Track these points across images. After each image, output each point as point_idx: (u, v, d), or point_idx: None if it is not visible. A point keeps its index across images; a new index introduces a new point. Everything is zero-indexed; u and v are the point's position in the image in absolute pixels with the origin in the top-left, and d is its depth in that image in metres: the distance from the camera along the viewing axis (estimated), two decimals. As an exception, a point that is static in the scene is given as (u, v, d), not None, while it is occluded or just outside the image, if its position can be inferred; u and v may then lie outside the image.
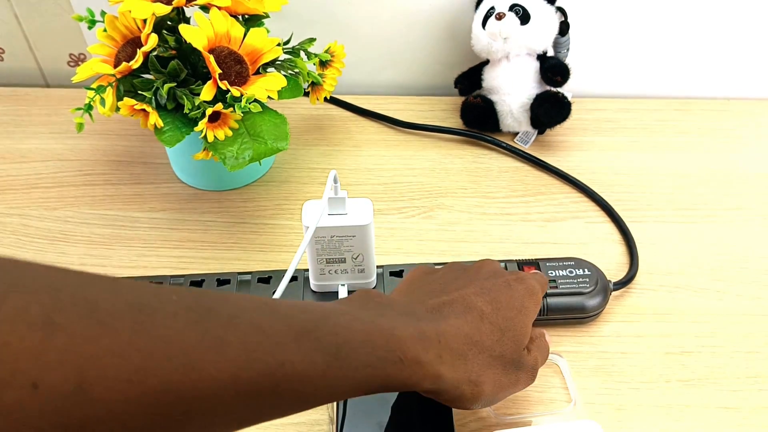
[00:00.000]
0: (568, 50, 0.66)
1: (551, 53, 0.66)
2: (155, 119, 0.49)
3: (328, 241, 0.47)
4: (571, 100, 0.63)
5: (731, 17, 0.69)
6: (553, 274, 0.51)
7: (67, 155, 0.66)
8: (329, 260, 0.48)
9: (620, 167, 0.65)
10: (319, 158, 0.66)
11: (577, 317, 0.50)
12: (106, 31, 0.52)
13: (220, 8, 0.50)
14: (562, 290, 0.49)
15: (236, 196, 0.62)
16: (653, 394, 0.46)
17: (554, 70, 0.63)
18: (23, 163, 0.65)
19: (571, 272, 0.51)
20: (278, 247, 0.57)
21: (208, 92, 0.48)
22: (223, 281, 0.51)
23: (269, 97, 0.50)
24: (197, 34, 0.48)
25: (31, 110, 0.72)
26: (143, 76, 0.52)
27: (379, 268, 0.52)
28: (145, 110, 0.50)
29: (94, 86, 0.51)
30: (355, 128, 0.70)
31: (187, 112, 0.50)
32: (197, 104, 0.49)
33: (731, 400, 0.46)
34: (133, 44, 0.52)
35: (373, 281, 0.51)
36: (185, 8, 0.51)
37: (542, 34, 0.63)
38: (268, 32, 0.52)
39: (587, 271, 0.51)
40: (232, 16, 0.51)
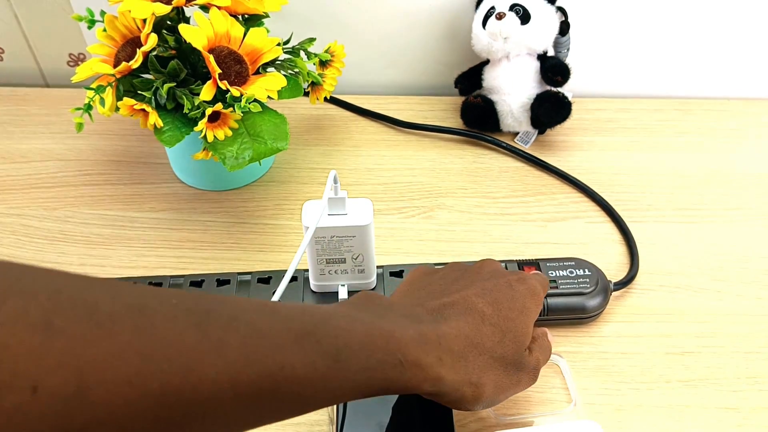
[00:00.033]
0: (568, 50, 0.66)
1: (551, 53, 0.66)
2: (155, 119, 0.49)
3: (328, 241, 0.47)
4: (571, 100, 0.63)
5: (731, 17, 0.69)
6: (553, 274, 0.50)
7: (66, 155, 0.66)
8: (329, 260, 0.48)
9: (620, 167, 0.65)
10: (319, 158, 0.66)
11: (577, 317, 0.50)
12: (105, 30, 0.52)
13: (219, 8, 0.50)
14: (562, 290, 0.49)
15: (236, 196, 0.62)
16: (653, 394, 0.46)
17: (554, 69, 0.63)
18: (23, 163, 0.65)
19: (571, 272, 0.51)
20: (278, 247, 0.57)
21: (207, 92, 0.48)
22: (223, 281, 0.51)
23: (269, 97, 0.50)
24: (197, 33, 0.48)
25: (30, 110, 0.72)
26: (143, 76, 0.52)
27: (379, 268, 0.52)
28: (144, 110, 0.50)
29: (93, 86, 0.51)
30: (355, 128, 0.70)
31: (186, 112, 0.50)
32: (197, 104, 0.49)
33: (731, 400, 0.46)
34: (132, 44, 0.52)
35: (373, 281, 0.51)
36: (185, 8, 0.51)
37: (542, 33, 0.63)
38: (268, 32, 0.52)
39: (587, 271, 0.51)
40: (232, 15, 0.51)
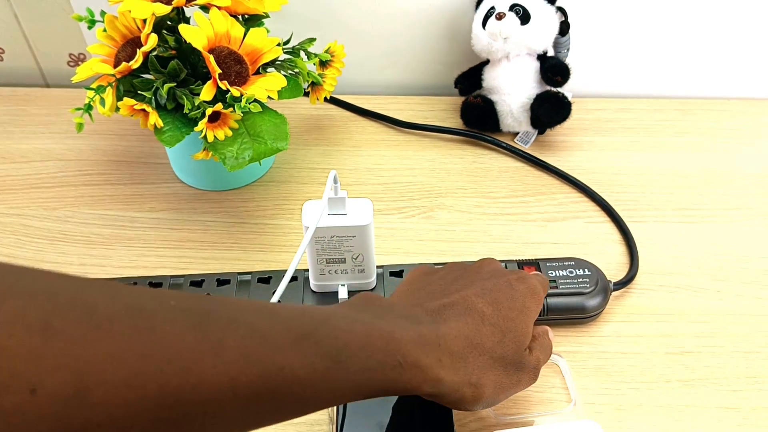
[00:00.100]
0: (568, 50, 0.66)
1: (551, 53, 0.66)
2: (155, 119, 0.49)
3: (328, 241, 0.47)
4: (571, 100, 0.63)
5: (731, 17, 0.69)
6: (553, 274, 0.51)
7: (66, 155, 0.66)
8: (329, 260, 0.48)
9: (620, 167, 0.65)
10: (318, 158, 0.66)
11: (577, 317, 0.50)
12: (105, 31, 0.52)
13: (219, 8, 0.50)
14: (562, 290, 0.49)
15: (236, 196, 0.62)
16: (653, 394, 0.46)
17: (554, 70, 0.63)
18: (23, 163, 0.65)
19: (571, 272, 0.51)
20: (278, 247, 0.57)
21: (207, 92, 0.48)
22: (223, 281, 0.51)
23: (269, 97, 0.50)
24: (197, 34, 0.48)
25: (30, 110, 0.72)
26: (143, 76, 0.52)
27: (379, 268, 0.52)
28: (144, 110, 0.50)
29: (93, 86, 0.51)
30: (354, 128, 0.70)
31: (186, 112, 0.50)
32: (197, 104, 0.49)
33: (731, 400, 0.46)
34: (132, 44, 0.52)
35: (373, 281, 0.51)
36: (185, 8, 0.51)
37: (542, 34, 0.63)
38: (268, 32, 0.52)
39: (587, 271, 0.51)
40: (232, 15, 0.51)
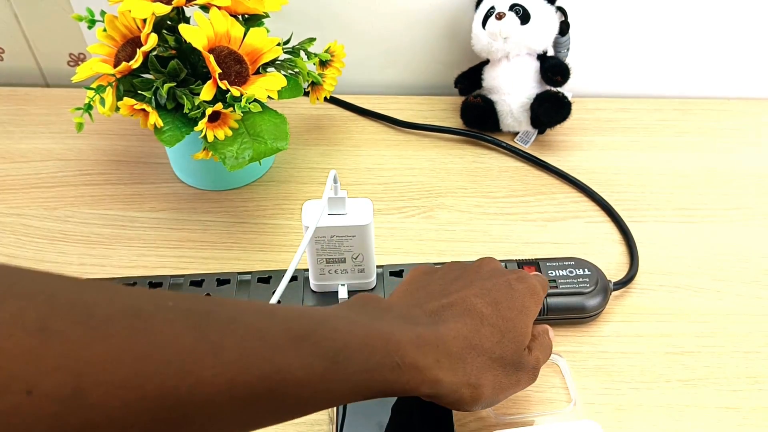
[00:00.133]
0: (568, 50, 0.66)
1: (551, 53, 0.66)
2: (155, 119, 0.49)
3: (328, 241, 0.47)
4: (571, 99, 0.63)
5: (731, 17, 0.69)
6: (553, 274, 0.51)
7: (66, 155, 0.66)
8: (329, 260, 0.48)
9: (620, 167, 0.65)
10: (318, 158, 0.66)
11: (577, 317, 0.50)
12: (105, 30, 0.52)
13: (219, 8, 0.50)
14: (562, 290, 0.49)
15: (236, 195, 0.62)
16: (653, 394, 0.46)
17: (554, 69, 0.63)
18: (23, 162, 0.65)
19: (571, 272, 0.51)
20: (278, 247, 0.57)
21: (207, 92, 0.48)
22: (222, 281, 0.51)
23: (269, 96, 0.50)
24: (197, 33, 0.48)
25: (30, 110, 0.72)
26: (143, 75, 0.52)
27: (379, 268, 0.52)
28: (144, 110, 0.50)
29: (93, 86, 0.51)
30: (354, 128, 0.70)
31: (186, 111, 0.50)
32: (197, 104, 0.49)
33: (731, 399, 0.46)
34: (132, 44, 0.52)
35: (373, 281, 0.51)
36: (185, 8, 0.51)
37: (542, 33, 0.63)
38: (268, 32, 0.52)
39: (587, 271, 0.51)
40: (232, 15, 0.51)
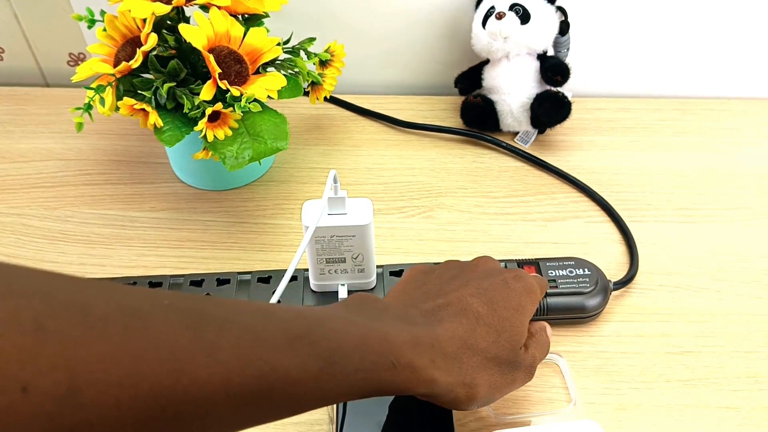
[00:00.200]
0: (568, 50, 0.66)
1: (551, 53, 0.66)
2: (155, 119, 0.49)
3: (327, 240, 0.47)
4: (571, 99, 0.63)
5: (731, 17, 0.69)
6: (553, 273, 0.51)
7: (66, 155, 0.66)
8: (329, 260, 0.48)
9: (620, 167, 0.65)
10: (318, 158, 0.66)
11: (577, 317, 0.50)
12: (105, 30, 0.52)
13: (219, 8, 0.50)
14: (562, 290, 0.49)
15: (236, 195, 0.62)
16: (653, 393, 0.46)
17: (554, 69, 0.63)
18: (23, 162, 0.65)
19: (571, 272, 0.51)
20: (278, 246, 0.57)
21: (207, 92, 0.48)
22: (222, 281, 0.51)
23: (269, 96, 0.50)
24: (197, 33, 0.48)
25: (30, 110, 0.72)
26: (143, 75, 0.52)
27: (379, 267, 0.52)
28: (144, 110, 0.50)
29: (93, 86, 0.51)
30: (354, 128, 0.70)
31: (186, 111, 0.50)
32: (197, 104, 0.49)
33: (731, 399, 0.46)
34: (132, 44, 0.52)
35: (373, 281, 0.51)
36: (185, 8, 0.51)
37: (542, 33, 0.63)
38: (267, 32, 0.52)
39: (587, 270, 0.51)
40: (231, 15, 0.51)
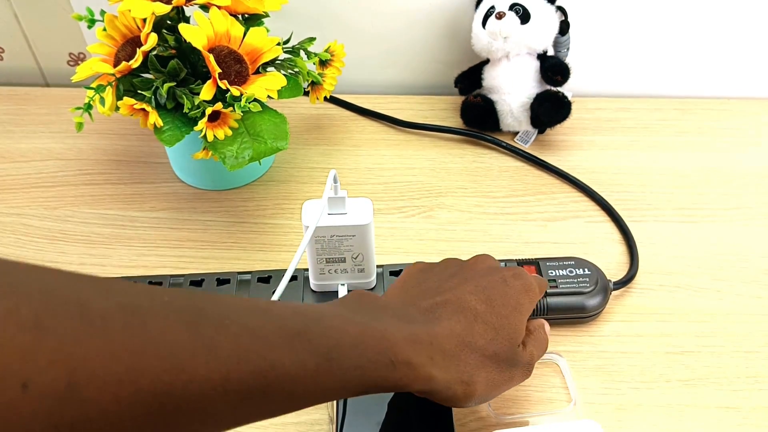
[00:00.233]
0: (568, 50, 0.66)
1: (551, 52, 0.66)
2: (155, 119, 0.49)
3: (327, 240, 0.47)
4: (571, 99, 0.63)
5: (731, 17, 0.69)
6: (553, 273, 0.50)
7: (66, 155, 0.66)
8: (329, 260, 0.48)
9: (620, 167, 0.65)
10: (318, 158, 0.66)
11: (577, 317, 0.50)
12: (105, 30, 0.52)
13: (219, 7, 0.50)
14: (562, 290, 0.49)
15: (236, 195, 0.62)
16: (653, 393, 0.46)
17: (554, 69, 0.63)
18: (23, 162, 0.65)
19: (571, 272, 0.51)
20: (278, 246, 0.57)
21: (207, 91, 0.48)
22: (222, 281, 0.51)
23: (269, 96, 0.50)
24: (197, 33, 0.48)
25: (30, 109, 0.72)
26: (143, 75, 0.52)
27: (379, 267, 0.52)
28: (144, 110, 0.50)
29: (93, 85, 0.51)
30: (354, 128, 0.70)
31: (186, 111, 0.50)
32: (197, 104, 0.49)
33: (731, 399, 0.46)
34: (132, 43, 0.52)
35: (373, 281, 0.51)
36: (185, 7, 0.51)
37: (542, 33, 0.63)
38: (267, 31, 0.52)
39: (587, 270, 0.51)
40: (231, 15, 0.51)
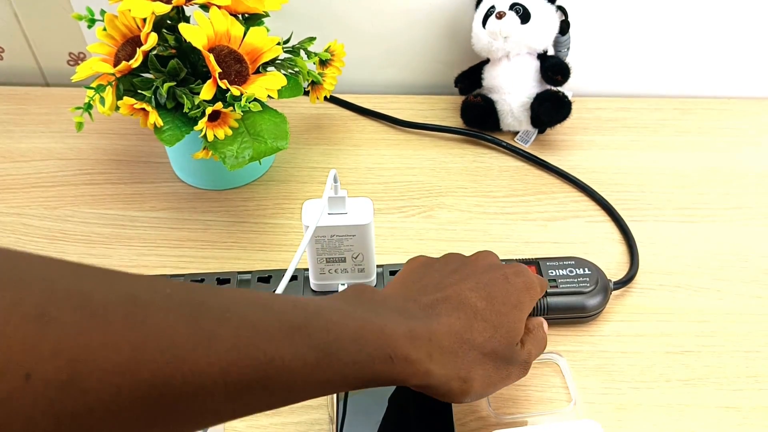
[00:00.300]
0: (568, 49, 0.66)
1: (552, 52, 0.66)
2: (155, 118, 0.49)
3: (328, 240, 0.47)
4: (571, 99, 0.63)
5: (731, 17, 0.69)
6: (553, 273, 0.50)
7: (66, 154, 0.66)
8: (329, 260, 0.48)
9: (620, 166, 0.65)
10: (319, 157, 0.66)
11: (577, 317, 0.50)
12: (105, 30, 0.52)
13: (220, 7, 0.50)
14: (562, 290, 0.49)
15: (236, 195, 0.62)
16: (653, 393, 0.46)
17: (555, 69, 0.63)
18: (23, 162, 0.65)
19: (571, 271, 0.51)
20: (278, 246, 0.57)
21: (207, 91, 0.48)
22: (223, 281, 0.51)
23: (269, 96, 0.50)
24: (197, 33, 0.48)
25: (30, 109, 0.72)
26: (143, 75, 0.52)
27: (379, 267, 0.52)
28: (144, 109, 0.50)
29: (93, 85, 0.51)
30: (355, 127, 0.70)
31: (186, 111, 0.50)
32: (197, 103, 0.49)
33: (731, 399, 0.46)
34: (132, 43, 0.52)
35: (373, 281, 0.51)
36: (185, 7, 0.51)
37: (542, 33, 0.63)
38: (267, 31, 0.52)
39: (587, 270, 0.51)
40: (231, 15, 0.51)
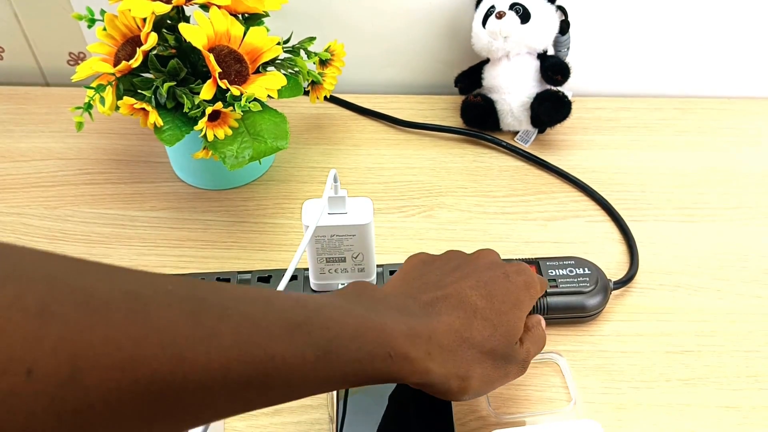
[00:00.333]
0: (568, 49, 0.66)
1: (551, 52, 0.66)
2: (155, 118, 0.49)
3: (328, 240, 0.47)
4: (571, 98, 0.63)
5: (731, 17, 0.69)
6: (553, 273, 0.50)
7: (66, 154, 0.66)
8: (329, 259, 0.48)
9: (620, 166, 0.65)
10: (319, 157, 0.66)
11: (577, 316, 0.50)
12: (105, 29, 0.52)
13: (219, 7, 0.50)
14: (562, 289, 0.49)
15: (236, 195, 0.62)
16: (653, 393, 0.46)
17: (554, 68, 0.63)
18: (23, 162, 0.65)
19: (571, 271, 0.51)
20: (278, 246, 0.57)
21: (207, 91, 0.48)
22: (223, 280, 0.51)
23: (269, 95, 0.50)
24: (197, 32, 0.48)
25: (30, 109, 0.72)
26: (143, 75, 0.52)
27: (379, 267, 0.52)
28: (144, 109, 0.50)
29: (93, 85, 0.51)
30: (355, 127, 0.70)
31: (186, 111, 0.50)
32: (197, 103, 0.49)
33: (731, 399, 0.46)
34: (132, 43, 0.52)
35: (373, 280, 0.51)
36: (185, 7, 0.51)
37: (542, 32, 0.63)
38: (267, 31, 0.52)
39: (587, 270, 0.51)
40: (231, 14, 0.51)
